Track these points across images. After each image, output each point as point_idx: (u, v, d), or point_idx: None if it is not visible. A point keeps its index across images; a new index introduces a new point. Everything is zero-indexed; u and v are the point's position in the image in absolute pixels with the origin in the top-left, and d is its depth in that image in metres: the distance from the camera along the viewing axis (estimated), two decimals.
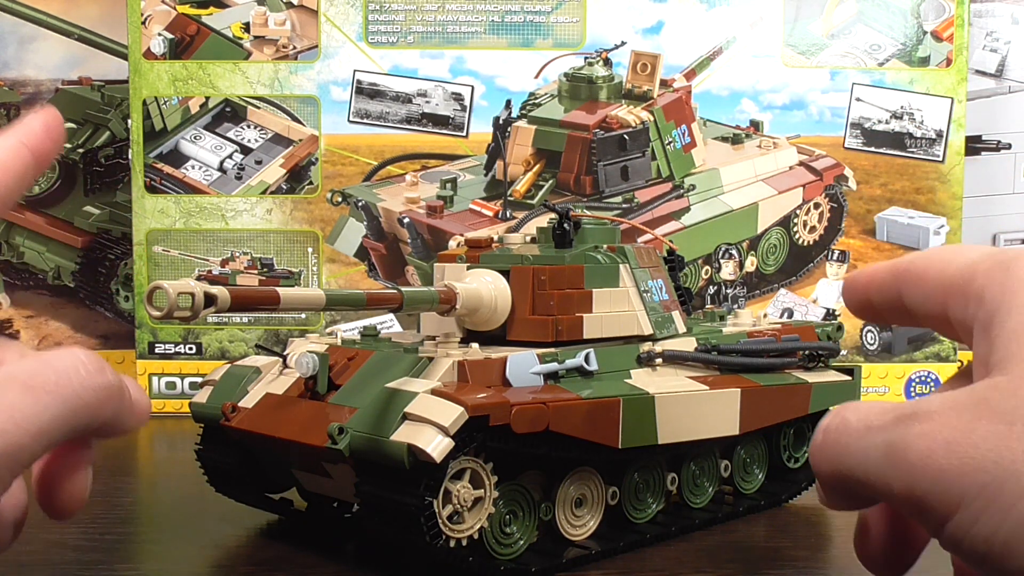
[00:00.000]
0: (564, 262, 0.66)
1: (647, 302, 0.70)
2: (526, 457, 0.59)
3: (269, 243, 1.12)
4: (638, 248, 0.71)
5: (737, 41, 1.10)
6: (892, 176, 1.12)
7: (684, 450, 0.70)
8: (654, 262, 0.72)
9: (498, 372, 0.60)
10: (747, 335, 0.74)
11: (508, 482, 0.60)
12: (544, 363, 0.62)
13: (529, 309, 0.65)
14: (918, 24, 1.10)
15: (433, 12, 1.10)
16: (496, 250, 0.69)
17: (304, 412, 0.60)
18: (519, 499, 0.61)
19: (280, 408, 0.62)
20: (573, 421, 0.59)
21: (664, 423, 0.65)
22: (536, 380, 0.61)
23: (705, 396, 0.67)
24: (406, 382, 0.58)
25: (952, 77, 1.10)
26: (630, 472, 0.68)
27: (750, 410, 0.70)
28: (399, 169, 1.12)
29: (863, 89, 1.11)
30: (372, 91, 1.11)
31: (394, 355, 0.62)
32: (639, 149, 1.08)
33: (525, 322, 0.65)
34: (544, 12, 1.10)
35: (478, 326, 0.66)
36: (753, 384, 0.70)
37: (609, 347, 0.66)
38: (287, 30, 1.10)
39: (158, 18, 1.10)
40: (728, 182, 1.11)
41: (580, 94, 1.09)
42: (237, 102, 1.11)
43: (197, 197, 1.11)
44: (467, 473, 0.57)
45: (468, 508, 0.57)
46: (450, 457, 0.54)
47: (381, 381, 0.58)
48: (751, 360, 0.71)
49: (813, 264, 1.13)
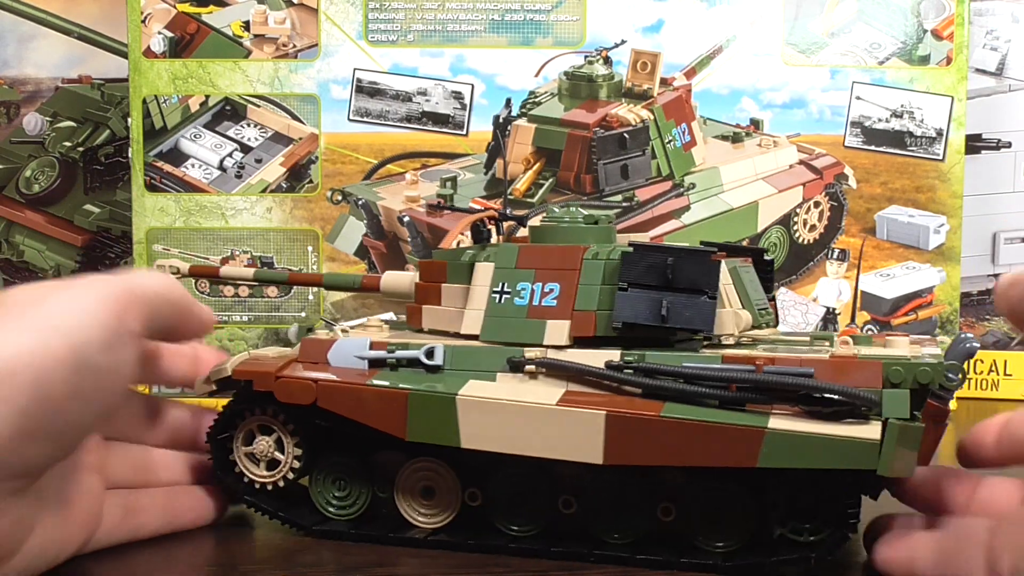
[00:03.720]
0: (440, 257, 0.71)
1: (493, 303, 0.65)
2: (341, 434, 0.66)
3: (269, 241, 1.12)
4: (545, 249, 0.65)
5: (737, 39, 1.10)
6: (892, 175, 1.12)
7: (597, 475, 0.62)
8: (565, 264, 0.64)
9: (324, 352, 0.66)
10: (722, 358, 0.59)
11: (341, 453, 0.67)
12: (375, 350, 0.65)
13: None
14: (918, 23, 1.10)
15: (433, 11, 1.10)
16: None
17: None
18: (353, 471, 0.68)
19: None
20: (348, 403, 0.63)
21: (470, 427, 0.61)
22: (360, 364, 0.65)
23: (549, 412, 0.60)
24: (272, 349, 0.71)
25: (952, 76, 1.10)
26: (497, 478, 0.65)
27: (626, 440, 0.58)
28: (399, 168, 1.12)
29: (863, 88, 1.11)
30: (372, 89, 1.11)
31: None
32: (639, 147, 1.08)
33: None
34: (544, 11, 1.10)
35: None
36: (644, 412, 0.58)
37: (476, 347, 0.65)
38: (287, 28, 1.10)
39: (158, 16, 1.10)
40: (728, 180, 1.11)
41: (580, 92, 1.09)
42: (237, 100, 1.11)
43: (197, 195, 1.11)
44: (271, 432, 0.67)
45: (267, 459, 0.67)
46: (243, 409, 0.66)
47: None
48: (670, 386, 0.59)
49: (813, 263, 1.13)
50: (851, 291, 1.12)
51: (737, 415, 0.58)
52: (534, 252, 0.66)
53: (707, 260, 0.60)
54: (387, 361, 0.65)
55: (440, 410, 0.62)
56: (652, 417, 0.58)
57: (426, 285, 0.71)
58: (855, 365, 0.57)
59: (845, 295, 1.12)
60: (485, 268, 0.67)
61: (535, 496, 0.65)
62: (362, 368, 0.65)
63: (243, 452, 0.68)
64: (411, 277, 0.75)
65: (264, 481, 0.67)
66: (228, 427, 0.68)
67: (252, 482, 0.68)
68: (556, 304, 0.63)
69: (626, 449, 0.59)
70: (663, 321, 0.60)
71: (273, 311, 1.11)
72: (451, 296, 0.69)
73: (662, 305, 0.60)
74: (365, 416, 0.63)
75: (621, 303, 0.61)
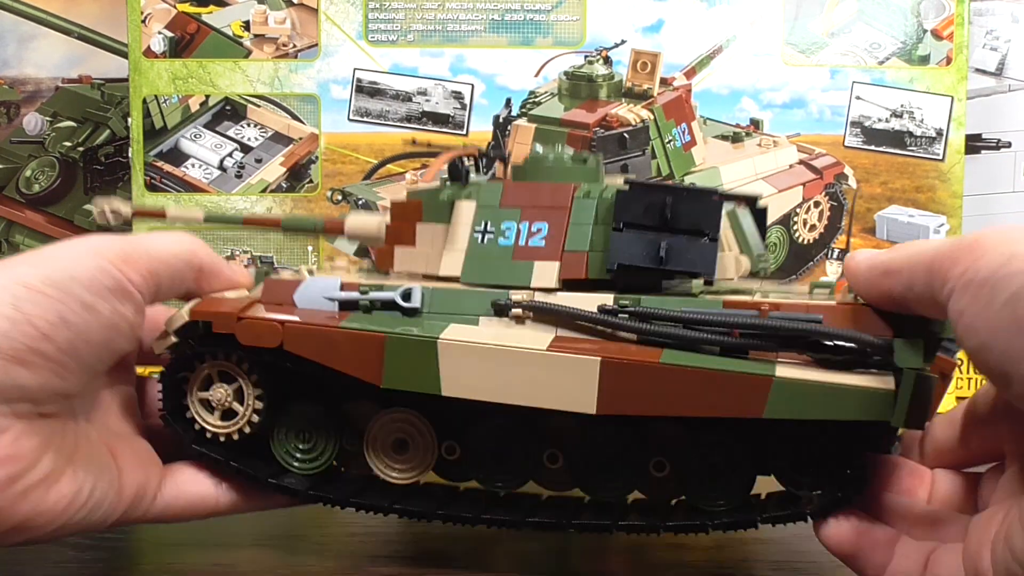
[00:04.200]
0: (415, 196, 0.66)
1: (475, 244, 0.61)
2: (308, 380, 0.61)
3: (269, 241, 1.12)
4: (532, 187, 0.62)
5: (737, 39, 1.10)
6: (892, 174, 1.12)
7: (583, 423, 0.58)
8: (554, 202, 0.61)
9: (290, 292, 0.62)
10: (723, 304, 0.56)
11: (306, 402, 0.63)
12: (347, 291, 0.61)
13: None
14: (918, 23, 1.10)
15: (433, 11, 1.10)
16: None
17: None
18: (319, 422, 0.64)
19: None
20: (318, 347, 0.58)
21: (452, 374, 0.56)
22: (329, 306, 0.60)
23: (541, 358, 0.55)
24: (231, 291, 0.64)
25: (952, 75, 1.10)
26: (477, 430, 0.61)
27: (621, 388, 0.54)
28: (399, 167, 1.12)
29: (863, 87, 1.11)
30: (372, 89, 1.11)
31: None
32: (639, 147, 1.08)
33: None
34: (544, 10, 1.10)
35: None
36: (641, 359, 0.55)
37: (457, 289, 0.60)
38: (287, 28, 1.10)
39: (158, 16, 1.10)
40: (728, 180, 1.11)
41: (580, 92, 1.09)
42: (237, 100, 1.11)
43: (197, 195, 1.11)
44: (232, 380, 0.62)
45: (224, 409, 0.62)
46: (191, 357, 0.61)
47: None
48: (670, 332, 0.55)
49: (813, 263, 1.13)
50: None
51: (742, 363, 0.54)
52: (521, 189, 0.62)
53: (709, 200, 0.57)
54: (359, 303, 0.60)
55: (419, 355, 0.57)
56: (651, 363, 0.54)
57: (399, 225, 0.66)
58: (865, 312, 0.54)
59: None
60: (467, 206, 0.62)
61: (518, 449, 0.61)
62: (332, 311, 0.61)
63: (198, 398, 0.62)
64: (379, 219, 0.69)
65: (217, 431, 0.62)
66: (183, 368, 0.62)
67: (203, 430, 0.62)
68: (544, 244, 0.59)
69: (622, 398, 0.55)
70: (661, 264, 0.56)
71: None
72: (427, 236, 0.64)
73: (660, 247, 0.56)
74: (337, 361, 0.58)
75: (616, 244, 0.57)
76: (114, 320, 0.55)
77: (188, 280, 0.61)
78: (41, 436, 0.52)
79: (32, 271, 0.52)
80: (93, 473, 0.55)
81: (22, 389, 0.51)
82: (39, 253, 0.54)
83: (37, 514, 0.52)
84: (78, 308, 0.53)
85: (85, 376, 0.55)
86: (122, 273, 0.55)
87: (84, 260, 0.54)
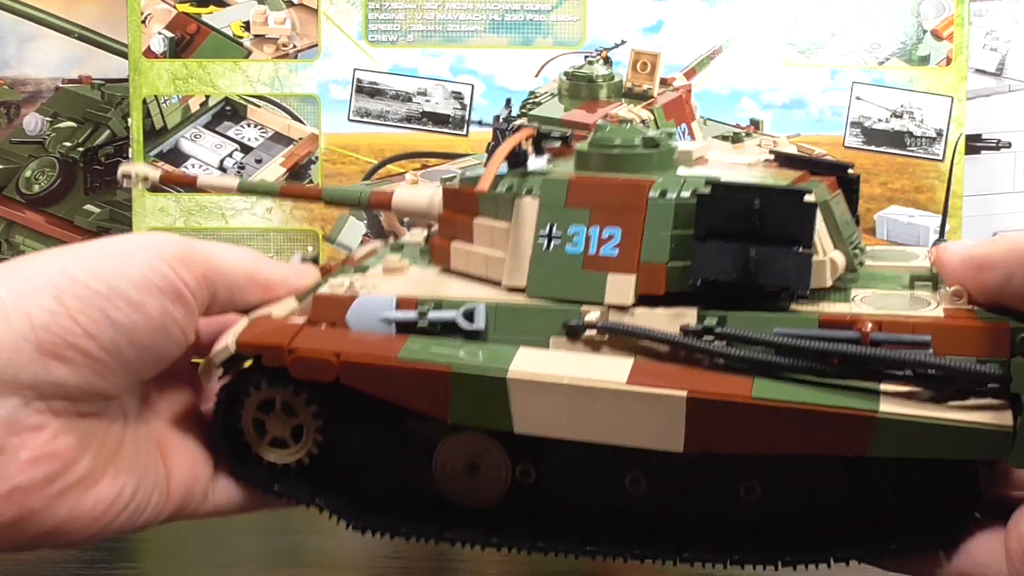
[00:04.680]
0: (472, 184, 0.58)
1: (540, 250, 0.55)
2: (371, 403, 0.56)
3: (269, 242, 1.12)
4: (600, 183, 0.55)
5: (737, 40, 1.10)
6: (892, 175, 1.12)
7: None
8: (627, 204, 0.54)
9: (342, 312, 0.56)
10: (819, 321, 0.51)
11: (369, 422, 0.58)
12: (403, 309, 0.55)
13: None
14: (918, 23, 1.10)
15: (433, 11, 1.10)
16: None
17: None
18: (388, 441, 0.59)
19: None
20: (375, 380, 0.53)
21: (525, 411, 0.52)
22: (385, 328, 0.55)
23: (620, 393, 0.50)
24: (281, 304, 0.58)
25: (952, 76, 1.10)
26: (553, 455, 0.56)
27: (711, 426, 0.50)
28: (399, 168, 1.12)
29: (863, 88, 1.11)
30: (372, 90, 1.11)
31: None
32: None
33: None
34: (544, 11, 1.10)
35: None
36: (732, 394, 0.49)
37: (523, 305, 0.55)
38: (287, 29, 1.10)
39: (158, 17, 1.10)
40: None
41: (580, 93, 1.09)
42: (237, 101, 1.11)
43: (197, 196, 1.11)
44: (278, 403, 0.57)
45: (285, 437, 0.57)
46: (249, 386, 0.56)
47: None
48: (760, 359, 0.50)
49: None
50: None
51: (842, 396, 0.49)
52: (587, 187, 0.55)
53: (801, 203, 0.50)
54: (418, 325, 0.55)
55: (489, 391, 0.52)
56: (742, 399, 0.49)
57: (454, 216, 0.60)
58: (977, 329, 0.49)
59: None
60: (530, 204, 0.56)
61: (598, 474, 0.56)
62: (389, 333, 0.55)
63: (253, 417, 0.57)
64: (429, 194, 0.63)
65: (272, 461, 0.58)
66: (238, 395, 0.57)
67: (258, 456, 0.58)
68: (618, 253, 0.53)
69: (711, 436, 0.50)
70: (751, 278, 0.51)
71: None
72: (486, 235, 0.58)
73: (749, 258, 0.50)
74: (399, 395, 0.53)
75: (700, 256, 0.51)
76: (164, 323, 0.51)
77: (249, 295, 0.57)
78: (80, 434, 0.50)
79: (79, 263, 0.49)
80: (137, 475, 0.53)
81: (60, 387, 0.48)
82: (89, 244, 0.51)
83: (74, 518, 0.50)
84: (125, 306, 0.50)
85: (130, 379, 0.52)
86: (176, 274, 0.52)
87: (136, 256, 0.51)
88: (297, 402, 0.57)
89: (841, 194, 0.57)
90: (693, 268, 0.51)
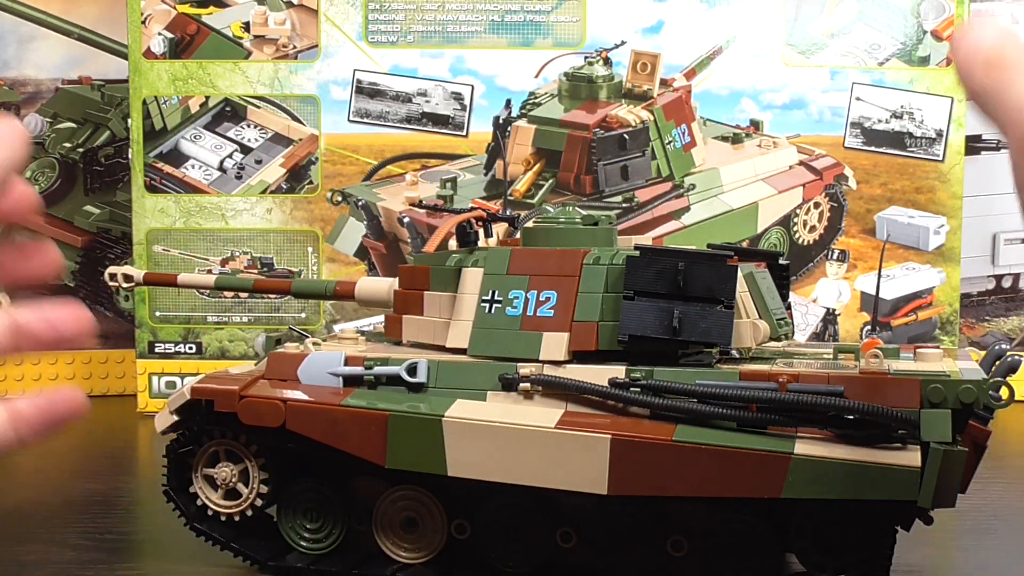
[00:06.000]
0: (422, 262, 0.64)
1: (483, 313, 0.59)
2: (314, 459, 0.61)
3: (269, 242, 1.12)
4: (540, 253, 0.59)
5: (737, 40, 1.10)
6: (892, 175, 1.12)
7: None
8: (563, 270, 0.58)
9: (294, 368, 0.61)
10: (740, 375, 0.54)
11: (313, 479, 0.62)
12: (350, 366, 0.59)
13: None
14: (918, 23, 1.10)
15: (433, 12, 1.10)
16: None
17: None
18: (327, 501, 0.62)
19: None
20: (320, 426, 0.57)
21: (458, 453, 0.55)
22: (334, 381, 0.59)
23: (549, 436, 0.54)
24: (238, 367, 0.65)
25: (952, 76, 1.10)
26: (487, 508, 0.59)
27: (634, 468, 0.53)
28: (399, 168, 1.12)
29: (863, 88, 1.11)
30: (372, 90, 1.11)
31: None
32: (639, 148, 1.08)
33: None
34: (544, 11, 1.10)
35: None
36: (653, 436, 0.53)
37: (463, 362, 0.58)
38: (287, 29, 1.10)
39: (158, 17, 1.10)
40: (728, 181, 1.11)
41: (580, 93, 1.09)
42: (237, 101, 1.11)
43: (197, 196, 1.11)
44: (239, 460, 0.61)
45: (228, 488, 0.61)
46: (197, 433, 0.61)
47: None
48: (683, 406, 0.53)
49: (813, 263, 1.13)
50: (872, 299, 1.12)
51: (759, 439, 0.52)
52: (528, 256, 0.59)
53: (723, 265, 0.54)
54: (364, 378, 0.59)
55: (424, 434, 0.56)
56: (663, 441, 0.52)
57: (407, 293, 0.64)
58: (889, 382, 0.51)
59: (845, 296, 1.12)
60: (474, 274, 0.60)
61: (530, 528, 0.59)
62: (336, 386, 0.59)
63: (202, 474, 0.62)
64: (389, 283, 0.68)
65: (221, 511, 0.62)
66: (189, 443, 0.62)
67: (206, 508, 0.62)
68: (553, 314, 0.57)
69: (634, 478, 0.53)
70: (675, 334, 0.54)
71: (273, 312, 1.11)
72: (435, 305, 0.62)
73: (673, 316, 0.54)
74: (339, 440, 0.57)
75: (627, 314, 0.55)
76: None
77: None
78: None
79: None
80: None
81: None
82: None
83: None
84: None
85: None
86: None
87: None
88: (245, 453, 0.61)
89: (768, 273, 0.62)
90: (621, 324, 0.55)
